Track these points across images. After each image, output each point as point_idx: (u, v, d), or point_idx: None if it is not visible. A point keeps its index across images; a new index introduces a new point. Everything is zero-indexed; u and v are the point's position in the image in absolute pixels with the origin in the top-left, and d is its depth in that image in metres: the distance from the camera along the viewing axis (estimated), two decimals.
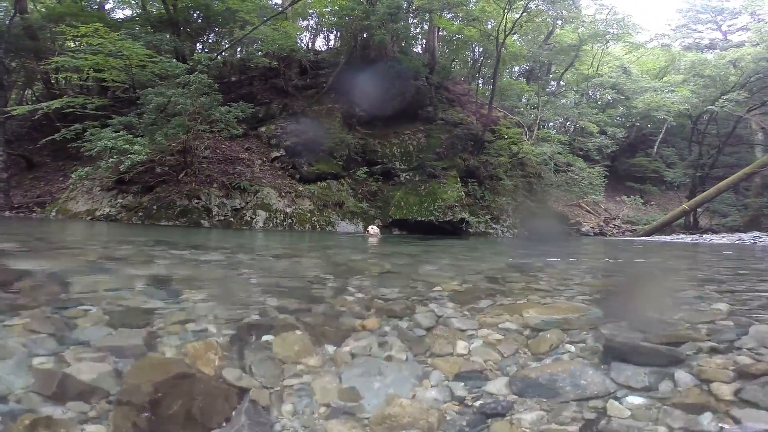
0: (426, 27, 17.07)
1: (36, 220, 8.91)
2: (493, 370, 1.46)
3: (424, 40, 17.91)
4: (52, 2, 15.47)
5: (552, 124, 21.08)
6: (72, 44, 13.34)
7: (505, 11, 12.89)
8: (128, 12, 17.04)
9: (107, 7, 17.07)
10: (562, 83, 21.34)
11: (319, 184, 11.48)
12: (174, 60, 10.58)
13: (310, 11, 16.23)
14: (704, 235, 14.58)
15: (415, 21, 16.51)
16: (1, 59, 12.00)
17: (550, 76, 21.57)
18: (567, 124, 21.12)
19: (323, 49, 18.29)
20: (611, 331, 1.70)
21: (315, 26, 18.29)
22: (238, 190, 9.96)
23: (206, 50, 15.25)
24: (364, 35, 15.12)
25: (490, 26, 15.57)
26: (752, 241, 11.45)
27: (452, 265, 4.05)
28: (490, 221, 12.09)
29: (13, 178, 11.61)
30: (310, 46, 18.04)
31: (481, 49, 18.70)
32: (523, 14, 13.94)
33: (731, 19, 25.63)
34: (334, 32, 18.42)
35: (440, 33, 16.88)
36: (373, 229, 9.36)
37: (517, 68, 23.10)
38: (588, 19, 18.75)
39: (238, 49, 15.13)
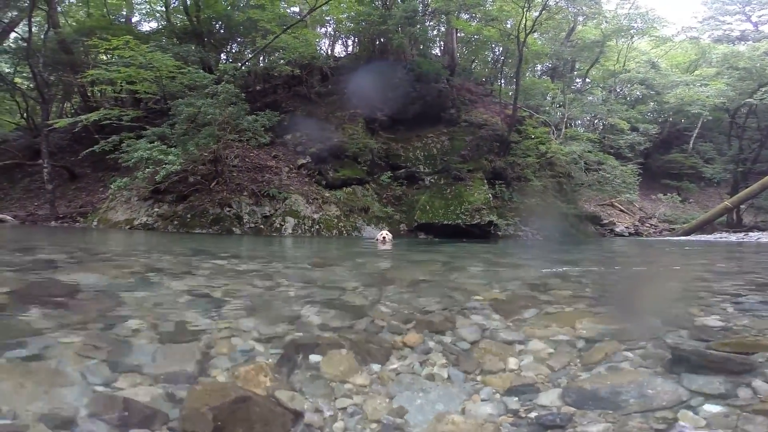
0: (443, 29, 17.00)
1: (79, 230, 9.36)
2: (545, 383, 1.42)
3: (442, 42, 17.83)
4: (81, 17, 16.28)
5: (579, 122, 20.57)
6: (104, 57, 13.86)
7: (524, 10, 12.64)
8: (154, 24, 17.77)
9: (134, 20, 17.86)
10: (587, 80, 20.82)
11: (345, 190, 11.56)
12: (201, 71, 10.88)
13: (327, 18, 16.42)
14: (750, 233, 13.80)
15: (431, 23, 16.46)
16: (40, 73, 12.66)
17: (575, 73, 21.06)
18: (595, 121, 20.51)
19: (342, 55, 18.49)
20: (673, 340, 1.67)
21: (333, 33, 18.50)
22: (267, 197, 10.15)
23: (230, 60, 15.67)
24: (382, 40, 15.18)
25: (509, 25, 15.33)
26: None
27: (487, 271, 3.97)
28: (519, 223, 11.83)
29: (58, 188, 12.26)
30: (329, 52, 18.27)
31: (501, 49, 18.46)
32: (543, 12, 13.64)
33: (760, 9, 24.42)
34: (352, 38, 18.59)
35: (459, 34, 16.76)
36: (384, 234, 8.24)
37: (539, 66, 22.69)
38: (610, 14, 18.29)
39: (261, 58, 15.46)
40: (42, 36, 13.75)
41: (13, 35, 16.03)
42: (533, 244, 10.06)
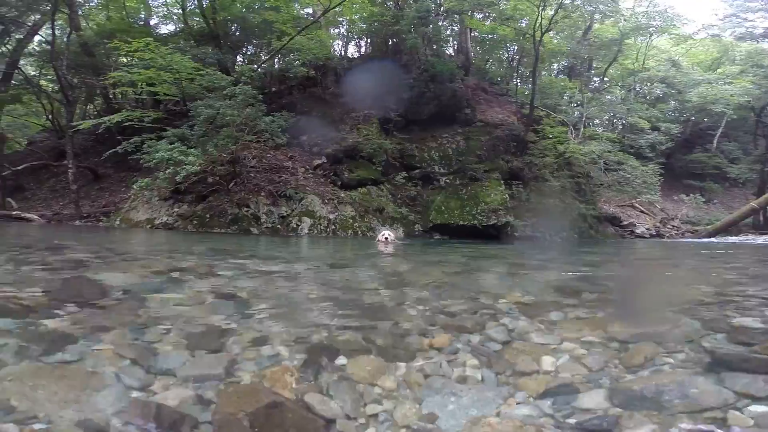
0: (456, 29, 16.90)
1: (103, 229, 9.60)
2: (584, 384, 1.39)
3: (455, 42, 17.72)
4: (101, 20, 16.68)
5: (598, 121, 20.21)
6: (124, 60, 14.14)
7: (540, 8, 12.47)
8: (171, 27, 18.13)
9: (152, 23, 18.24)
10: (605, 79, 20.46)
11: (360, 191, 11.59)
12: (219, 72, 11.01)
13: (340, 19, 16.50)
14: None
15: (444, 23, 16.38)
16: (64, 75, 13.02)
17: (592, 72, 20.73)
18: (615, 121, 20.12)
19: (356, 56, 18.54)
20: (712, 343, 1.64)
21: (346, 34, 18.58)
22: (284, 197, 10.25)
23: (246, 62, 15.87)
24: (395, 40, 15.18)
25: (524, 24, 15.16)
26: None
27: (509, 274, 3.92)
28: (536, 224, 11.66)
29: (82, 189, 12.59)
30: (342, 53, 18.35)
31: (515, 48, 18.27)
32: (559, 11, 13.43)
33: None
34: (365, 39, 18.64)
35: (473, 34, 16.64)
36: (386, 235, 7.58)
37: (555, 65, 22.40)
38: (627, 12, 17.94)
39: (276, 60, 15.62)
40: (65, 39, 14.11)
41: (36, 38, 16.57)
42: (552, 246, 9.90)
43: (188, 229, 9.36)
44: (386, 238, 7.45)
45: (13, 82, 15.98)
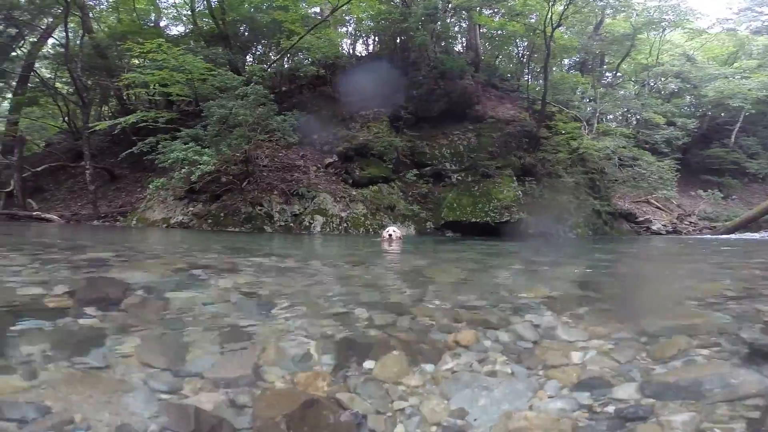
0: (465, 25, 16.78)
1: (120, 229, 9.75)
2: (615, 377, 1.39)
3: (464, 39, 17.60)
4: (112, 22, 16.92)
5: (611, 116, 19.92)
6: (136, 61, 14.30)
7: (550, 4, 12.30)
8: (181, 29, 18.29)
9: (162, 24, 18.43)
10: (618, 74, 20.16)
11: (371, 188, 11.60)
12: (230, 73, 11.09)
13: (347, 18, 16.48)
14: None
15: (453, 20, 16.27)
16: (79, 78, 13.24)
17: (605, 67, 20.43)
18: (629, 116, 19.81)
19: (364, 54, 18.53)
20: (749, 335, 1.65)
21: (354, 32, 18.56)
22: (297, 196, 10.31)
23: (255, 62, 15.96)
24: (403, 38, 15.11)
25: (533, 20, 14.99)
26: None
27: (527, 270, 3.88)
28: (550, 221, 11.53)
29: (99, 189, 12.83)
30: (350, 52, 18.35)
31: (525, 44, 18.07)
32: (569, 6, 13.25)
33: None
34: (373, 37, 18.60)
35: (481, 30, 16.51)
36: (390, 232, 6.69)
37: (567, 61, 22.12)
38: (639, 7, 17.66)
39: (285, 59, 15.68)
40: (77, 41, 14.34)
41: (50, 41, 16.88)
42: (567, 243, 9.80)
43: (203, 227, 9.47)
44: (389, 236, 6.51)
45: (29, 84, 16.33)
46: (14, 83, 16.57)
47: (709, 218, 16.32)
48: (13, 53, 16.75)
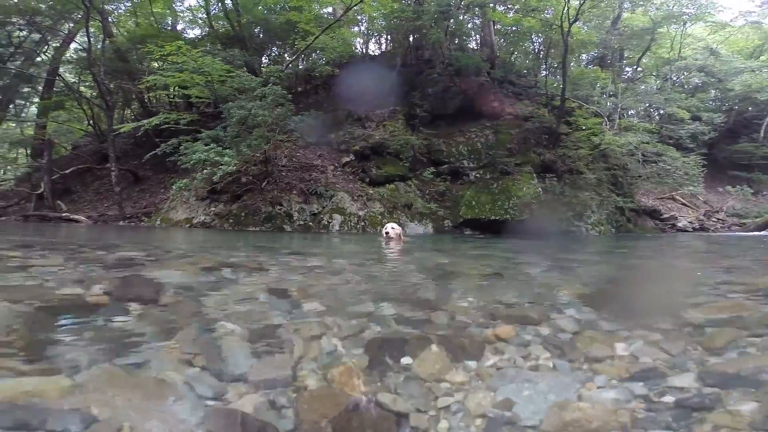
0: (479, 22, 16.61)
1: (145, 229, 9.97)
2: (670, 368, 1.36)
3: (478, 36, 17.43)
4: (130, 26, 17.30)
5: (633, 112, 19.45)
6: (156, 64, 14.56)
7: None
8: (197, 31, 18.62)
9: (179, 27, 18.77)
10: (639, 69, 19.68)
11: (388, 187, 11.59)
12: (248, 74, 11.21)
13: (359, 17, 16.49)
14: None
15: (466, 17, 16.12)
16: (102, 81, 13.56)
17: (624, 62, 19.98)
18: (651, 111, 19.31)
19: (377, 53, 18.51)
20: None
21: (366, 31, 18.56)
22: (315, 195, 10.38)
23: (271, 63, 16.12)
24: (416, 36, 15.03)
25: (549, 15, 14.75)
26: None
27: (556, 266, 3.80)
28: (572, 218, 11.32)
29: (124, 191, 13.16)
30: (363, 51, 18.36)
31: (541, 40, 17.79)
32: (586, 0, 12.99)
33: None
34: (385, 35, 18.57)
35: (496, 26, 16.33)
36: (389, 229, 5.96)
37: (584, 56, 21.70)
38: (657, 0, 17.19)
39: (301, 59, 15.79)
40: (98, 46, 14.72)
41: (72, 46, 17.40)
42: (590, 240, 9.58)
43: (224, 227, 9.61)
44: (387, 233, 5.74)
45: (55, 89, 16.86)
46: (41, 88, 17.14)
47: (738, 215, 15.79)
48: (38, 58, 17.33)
